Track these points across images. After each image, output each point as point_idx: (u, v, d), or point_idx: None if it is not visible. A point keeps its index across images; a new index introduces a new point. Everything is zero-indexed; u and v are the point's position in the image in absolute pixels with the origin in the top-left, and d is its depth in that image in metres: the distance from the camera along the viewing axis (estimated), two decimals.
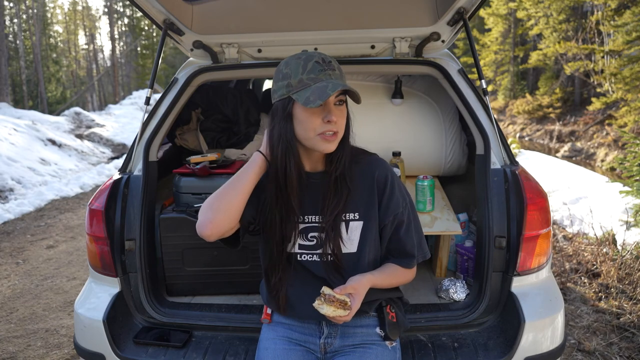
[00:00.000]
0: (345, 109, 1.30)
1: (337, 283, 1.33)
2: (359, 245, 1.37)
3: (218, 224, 1.28)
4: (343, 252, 1.36)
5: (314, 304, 1.24)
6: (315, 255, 1.38)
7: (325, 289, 1.25)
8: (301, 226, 1.38)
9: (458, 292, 1.97)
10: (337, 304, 1.24)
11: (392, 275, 1.39)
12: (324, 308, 1.23)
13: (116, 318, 1.77)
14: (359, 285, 1.28)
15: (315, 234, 1.37)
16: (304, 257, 1.39)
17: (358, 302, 1.27)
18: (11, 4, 22.85)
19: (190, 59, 2.22)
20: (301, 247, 1.38)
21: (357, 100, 1.26)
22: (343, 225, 1.36)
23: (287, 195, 1.31)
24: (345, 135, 1.33)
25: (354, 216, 1.37)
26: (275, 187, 1.31)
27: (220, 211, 1.28)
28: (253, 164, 1.32)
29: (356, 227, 1.37)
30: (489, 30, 21.64)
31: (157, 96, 2.52)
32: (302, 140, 1.28)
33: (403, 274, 1.42)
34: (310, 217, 1.37)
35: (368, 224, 1.37)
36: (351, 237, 1.37)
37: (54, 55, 26.53)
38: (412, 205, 1.43)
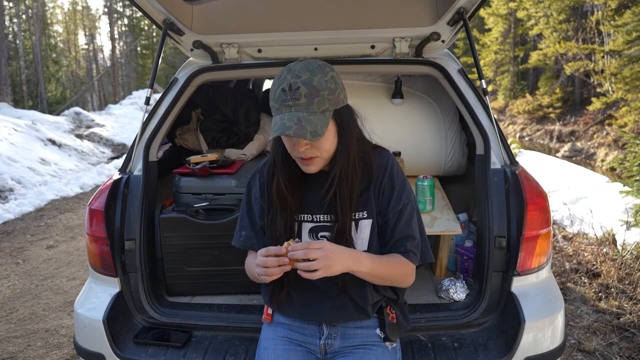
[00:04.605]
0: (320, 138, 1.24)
1: (347, 282, 1.33)
2: (369, 243, 1.37)
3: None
4: None
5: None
6: None
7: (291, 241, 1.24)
8: (310, 225, 1.38)
9: (458, 292, 1.97)
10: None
11: (391, 261, 1.34)
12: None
13: (116, 318, 1.77)
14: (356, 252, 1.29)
15: (327, 233, 1.36)
16: None
17: (340, 261, 1.21)
18: (11, 4, 22.85)
19: (190, 59, 2.22)
20: None
21: (313, 137, 1.20)
22: (354, 224, 1.36)
23: (278, 196, 1.36)
24: (341, 149, 1.30)
25: (363, 215, 1.37)
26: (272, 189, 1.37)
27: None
28: None
29: (366, 225, 1.37)
30: (489, 30, 21.63)
31: (157, 96, 2.52)
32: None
33: (402, 264, 1.35)
34: (318, 216, 1.37)
35: (375, 222, 1.37)
36: (361, 236, 1.36)
37: (54, 55, 26.53)
38: (416, 205, 1.41)
